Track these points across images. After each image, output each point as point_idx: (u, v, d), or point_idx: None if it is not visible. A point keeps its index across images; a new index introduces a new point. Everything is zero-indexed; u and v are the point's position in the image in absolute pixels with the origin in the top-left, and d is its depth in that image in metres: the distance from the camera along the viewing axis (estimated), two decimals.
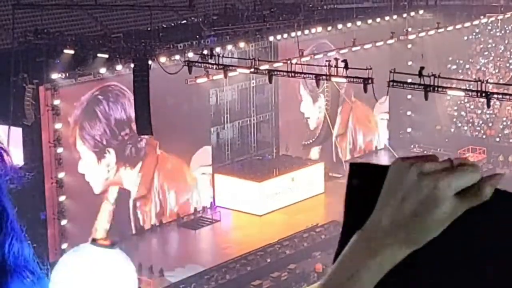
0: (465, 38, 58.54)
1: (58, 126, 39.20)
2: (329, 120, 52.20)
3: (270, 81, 40.39)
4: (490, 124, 56.24)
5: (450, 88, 38.60)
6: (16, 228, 1.67)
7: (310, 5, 50.07)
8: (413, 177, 1.39)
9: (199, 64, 40.40)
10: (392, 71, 36.02)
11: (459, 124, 57.18)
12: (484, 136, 55.88)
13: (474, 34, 59.38)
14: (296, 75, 39.68)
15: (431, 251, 1.41)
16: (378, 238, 1.41)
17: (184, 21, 46.19)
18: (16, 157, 36.32)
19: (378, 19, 51.69)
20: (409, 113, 56.54)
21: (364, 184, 1.45)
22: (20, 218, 1.74)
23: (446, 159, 1.41)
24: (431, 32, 52.17)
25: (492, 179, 1.39)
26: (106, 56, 40.28)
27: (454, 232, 1.40)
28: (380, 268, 1.42)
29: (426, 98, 35.49)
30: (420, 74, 34.81)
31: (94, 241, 3.42)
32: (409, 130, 56.61)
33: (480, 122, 56.65)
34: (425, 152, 49.92)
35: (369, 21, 51.24)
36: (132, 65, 39.48)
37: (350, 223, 1.46)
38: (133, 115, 40.90)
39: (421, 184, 1.38)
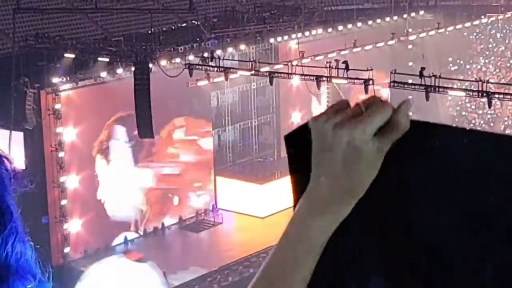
0: (466, 38, 58.51)
1: (59, 130, 39.20)
2: None
3: (271, 83, 40.40)
4: (492, 124, 56.21)
5: (451, 88, 38.53)
6: (19, 228, 1.66)
7: (310, 7, 50.05)
8: (330, 132, 1.42)
9: (200, 67, 40.39)
10: (393, 71, 36.04)
11: (461, 125, 57.14)
12: None
13: (475, 34, 59.34)
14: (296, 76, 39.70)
15: (372, 195, 1.43)
16: (322, 196, 1.44)
17: (185, 24, 46.14)
18: (18, 161, 36.36)
19: (378, 20, 51.64)
20: (410, 113, 56.32)
21: (300, 149, 1.48)
22: (23, 222, 1.73)
23: (355, 104, 1.43)
24: (432, 33, 52.13)
25: (402, 108, 1.47)
26: (107, 59, 40.27)
27: (386, 170, 1.43)
28: (330, 225, 1.44)
29: (427, 98, 35.48)
30: (421, 75, 34.83)
31: (125, 253, 3.39)
32: None
33: (482, 122, 56.62)
34: None
35: (370, 22, 51.19)
36: (133, 69, 39.48)
37: (300, 187, 1.48)
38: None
39: (339, 137, 1.41)
